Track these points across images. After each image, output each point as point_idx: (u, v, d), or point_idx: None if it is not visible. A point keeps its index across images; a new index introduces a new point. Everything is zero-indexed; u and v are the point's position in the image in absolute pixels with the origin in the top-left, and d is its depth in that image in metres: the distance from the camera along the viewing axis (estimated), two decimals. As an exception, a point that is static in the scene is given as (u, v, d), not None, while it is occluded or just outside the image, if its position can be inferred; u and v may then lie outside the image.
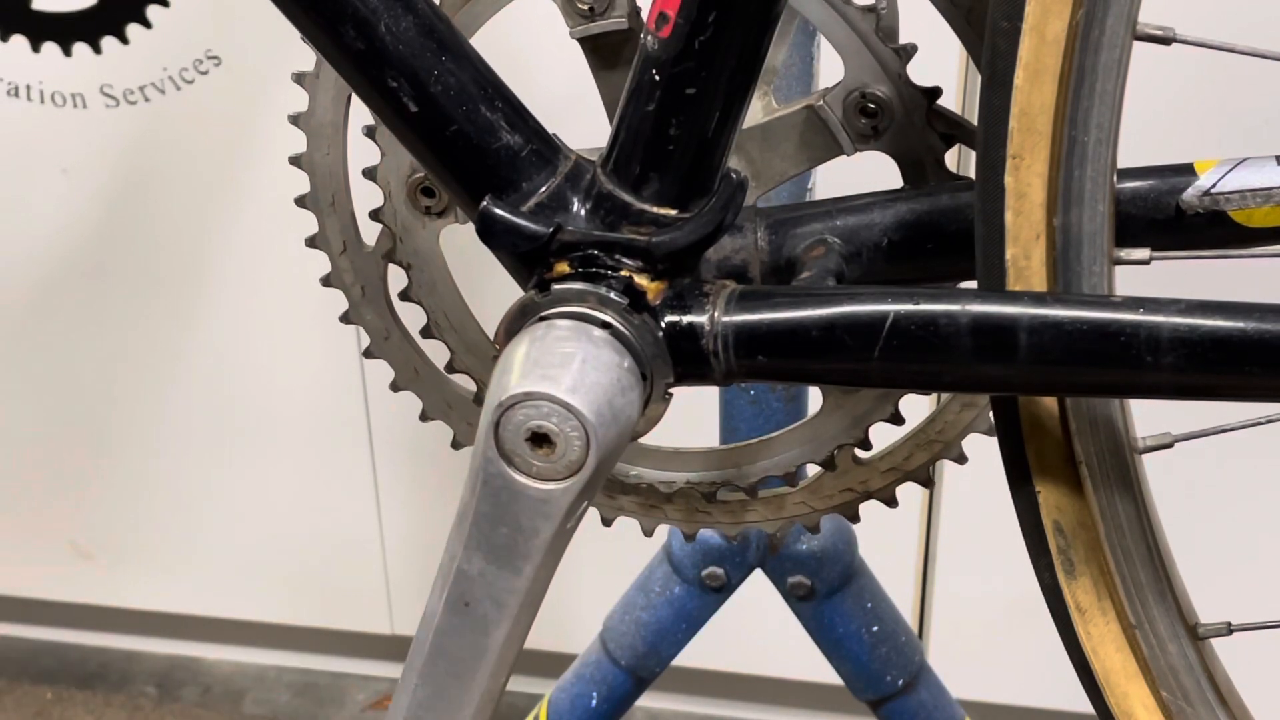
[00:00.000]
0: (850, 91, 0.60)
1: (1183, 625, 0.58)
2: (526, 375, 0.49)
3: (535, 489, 0.49)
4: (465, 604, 0.50)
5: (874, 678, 0.97)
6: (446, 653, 0.51)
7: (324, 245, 0.67)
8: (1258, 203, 0.55)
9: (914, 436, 0.68)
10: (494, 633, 0.51)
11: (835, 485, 0.71)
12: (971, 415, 0.68)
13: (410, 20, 0.52)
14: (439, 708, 0.51)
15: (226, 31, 1.28)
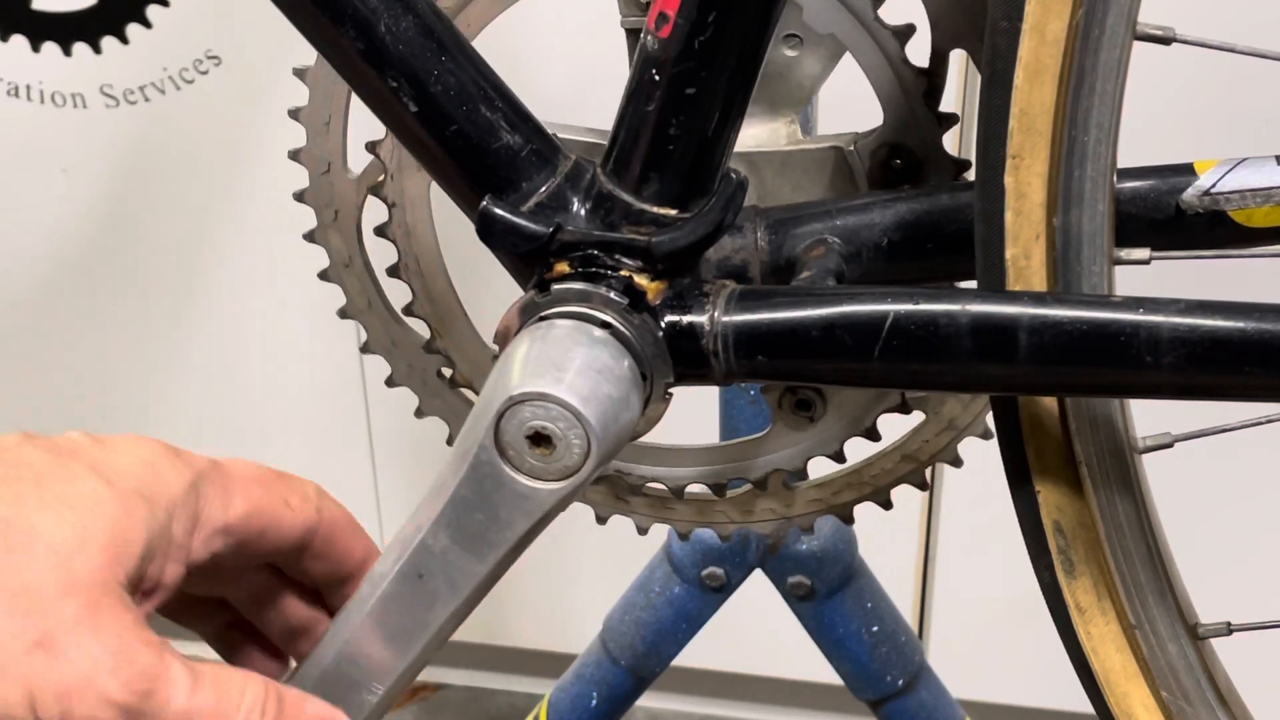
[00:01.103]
0: (883, 144, 0.60)
1: (1183, 625, 0.58)
2: (528, 375, 0.49)
3: (523, 484, 0.49)
4: (419, 576, 0.51)
5: (874, 678, 0.97)
6: (388, 618, 0.51)
7: (309, 162, 0.67)
8: (1258, 203, 0.55)
9: (846, 476, 0.70)
10: (440, 609, 0.51)
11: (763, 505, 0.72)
12: (907, 468, 0.69)
13: (410, 20, 0.52)
14: (364, 667, 0.52)
15: (226, 31, 1.28)
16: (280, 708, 0.48)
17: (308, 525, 0.52)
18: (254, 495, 0.51)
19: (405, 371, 0.71)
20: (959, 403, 0.68)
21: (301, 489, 0.53)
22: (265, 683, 0.48)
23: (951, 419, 0.68)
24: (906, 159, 0.61)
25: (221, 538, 0.50)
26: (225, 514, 0.49)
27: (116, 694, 0.43)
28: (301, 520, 0.52)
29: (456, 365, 0.69)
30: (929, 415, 0.68)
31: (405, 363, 0.70)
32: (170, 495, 0.47)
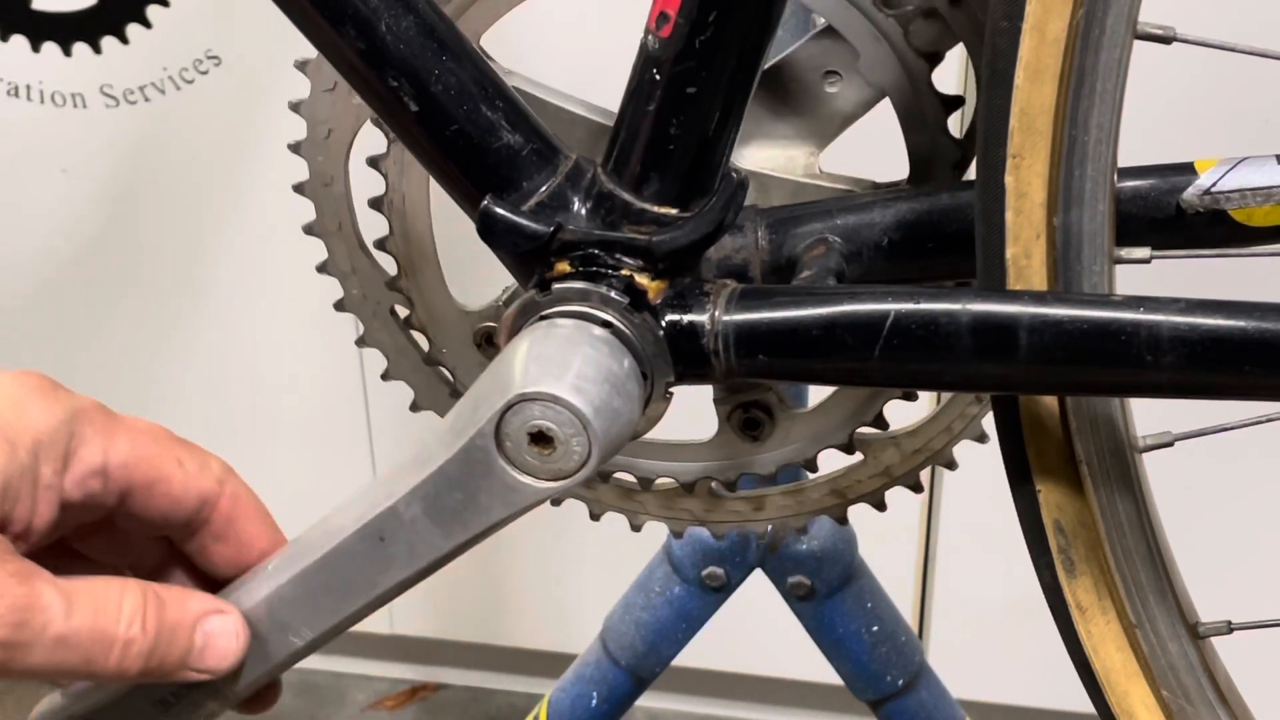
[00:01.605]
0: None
1: (1183, 624, 0.58)
2: (535, 375, 0.48)
3: (512, 477, 0.49)
4: (381, 539, 0.50)
5: (874, 678, 0.97)
6: (337, 571, 0.51)
7: (314, 77, 0.65)
8: (1258, 202, 0.55)
9: (778, 494, 0.71)
10: (393, 574, 0.51)
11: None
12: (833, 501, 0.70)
13: (410, 20, 0.52)
14: (299, 611, 0.51)
15: (226, 31, 1.28)
16: (162, 611, 0.47)
17: (204, 494, 0.51)
18: (141, 444, 0.49)
19: (357, 299, 0.69)
20: (899, 452, 0.69)
21: (202, 457, 0.51)
22: (143, 587, 0.47)
23: (888, 466, 0.70)
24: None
25: (99, 480, 0.48)
26: (104, 456, 0.48)
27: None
28: (196, 486, 0.50)
29: (415, 308, 0.68)
30: (868, 458, 0.69)
31: (360, 290, 0.69)
32: (35, 433, 0.46)
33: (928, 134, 0.62)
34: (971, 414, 0.68)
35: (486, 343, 0.67)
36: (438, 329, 0.68)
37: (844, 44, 0.61)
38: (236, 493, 0.52)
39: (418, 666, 1.66)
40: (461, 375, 0.69)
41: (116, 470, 0.49)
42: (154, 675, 0.48)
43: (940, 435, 0.69)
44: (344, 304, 0.70)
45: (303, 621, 0.51)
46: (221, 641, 0.49)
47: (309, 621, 0.51)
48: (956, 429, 0.69)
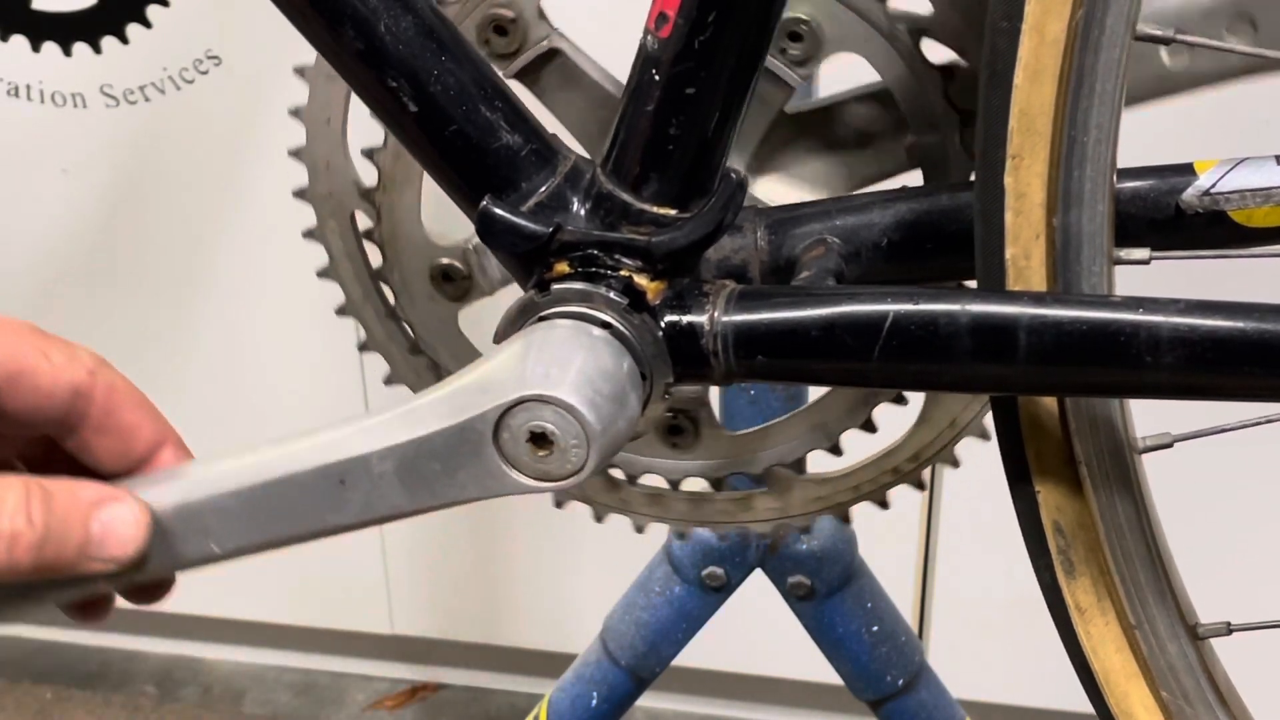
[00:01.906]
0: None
1: (1182, 625, 0.58)
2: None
3: (498, 466, 0.49)
4: (341, 482, 0.49)
5: (874, 678, 0.97)
6: (284, 498, 0.50)
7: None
8: (1257, 203, 0.55)
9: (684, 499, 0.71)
10: (338, 517, 0.50)
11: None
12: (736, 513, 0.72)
13: (410, 20, 0.52)
14: (229, 524, 0.50)
15: (226, 31, 1.28)
16: (49, 502, 0.46)
17: (74, 385, 0.48)
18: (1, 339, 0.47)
19: (321, 194, 0.68)
20: (804, 496, 0.71)
21: (69, 349, 0.48)
22: (25, 480, 0.46)
23: (785, 506, 0.72)
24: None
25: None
26: None
27: None
28: (66, 379, 0.48)
29: (380, 223, 0.67)
30: (773, 492, 0.71)
31: (328, 188, 0.68)
32: None
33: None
34: (883, 480, 0.70)
35: (443, 279, 0.67)
36: (397, 250, 0.67)
37: (895, 114, 0.61)
38: (112, 383, 0.50)
39: (418, 666, 1.66)
40: (405, 301, 0.68)
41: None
42: (52, 569, 0.46)
43: (846, 491, 0.71)
44: (305, 192, 0.69)
45: (229, 534, 0.50)
46: (121, 529, 0.48)
47: (236, 536, 0.50)
48: (865, 490, 0.71)
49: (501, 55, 0.62)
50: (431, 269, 0.67)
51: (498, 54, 0.62)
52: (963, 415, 0.68)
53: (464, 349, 0.69)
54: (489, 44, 0.61)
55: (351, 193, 0.67)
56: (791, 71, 0.61)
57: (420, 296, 0.67)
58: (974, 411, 0.68)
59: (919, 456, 0.69)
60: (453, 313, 0.68)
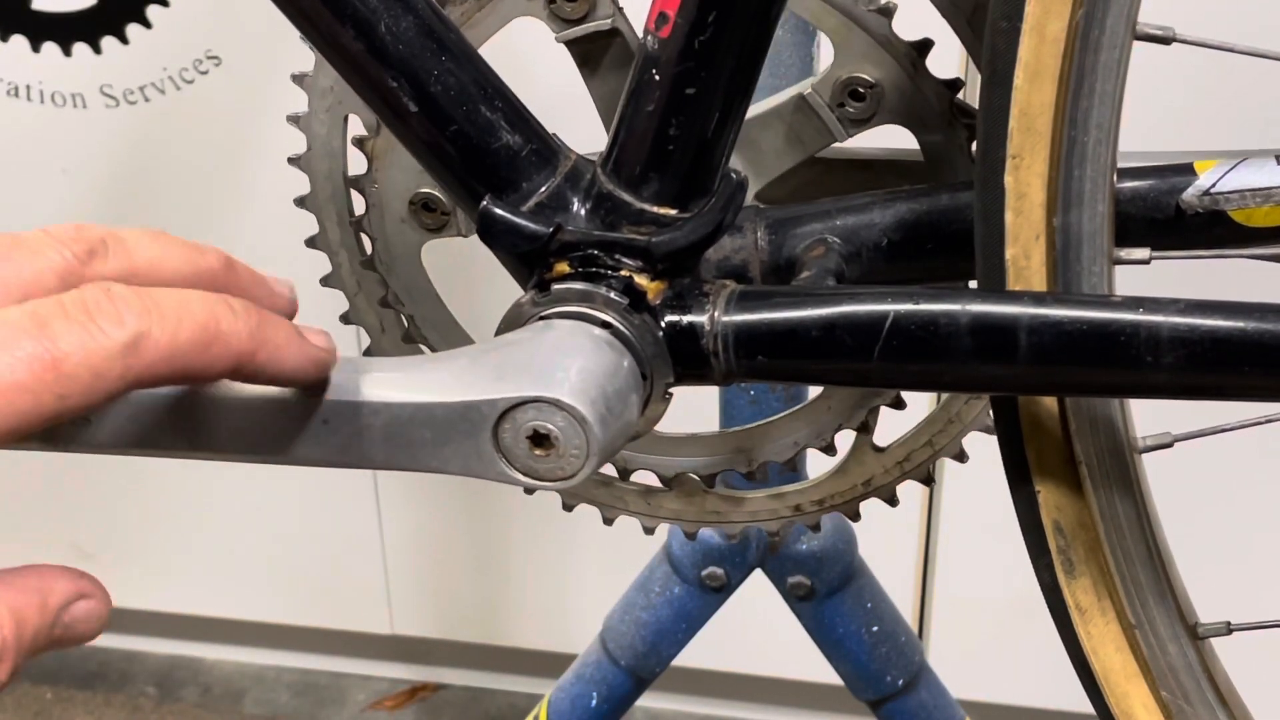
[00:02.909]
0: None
1: (1182, 625, 0.58)
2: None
3: (490, 453, 0.48)
4: (325, 421, 0.48)
5: (874, 678, 0.97)
6: (258, 418, 0.48)
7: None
8: (1257, 202, 0.55)
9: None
10: (307, 453, 0.49)
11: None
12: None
13: (410, 20, 0.52)
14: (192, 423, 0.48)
15: (226, 31, 1.28)
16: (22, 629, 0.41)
17: (110, 394, 0.41)
18: (7, 407, 0.38)
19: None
20: (764, 505, 0.71)
21: (100, 348, 0.39)
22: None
23: (679, 510, 0.72)
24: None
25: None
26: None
27: None
28: (100, 396, 0.40)
29: (372, 169, 0.67)
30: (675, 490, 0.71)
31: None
32: None
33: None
34: (783, 515, 0.71)
35: (423, 208, 0.66)
36: (386, 164, 0.66)
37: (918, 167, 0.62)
38: (151, 364, 0.41)
39: (418, 666, 1.66)
40: (374, 217, 0.67)
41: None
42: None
43: (743, 515, 0.72)
44: (303, 79, 0.66)
45: (192, 434, 0.48)
46: (83, 627, 0.44)
47: (195, 438, 0.48)
48: (760, 518, 0.72)
49: (564, 19, 0.61)
50: (414, 195, 0.66)
51: (559, 16, 0.61)
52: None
53: (419, 279, 0.68)
54: (553, 3, 0.60)
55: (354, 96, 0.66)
56: (841, 127, 0.62)
57: (392, 217, 0.67)
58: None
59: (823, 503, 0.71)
60: (420, 241, 0.67)
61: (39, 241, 0.42)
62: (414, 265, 0.68)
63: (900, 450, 0.69)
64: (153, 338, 0.39)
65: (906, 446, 0.69)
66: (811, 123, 0.62)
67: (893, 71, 0.60)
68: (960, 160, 0.61)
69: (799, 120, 0.62)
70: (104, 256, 0.43)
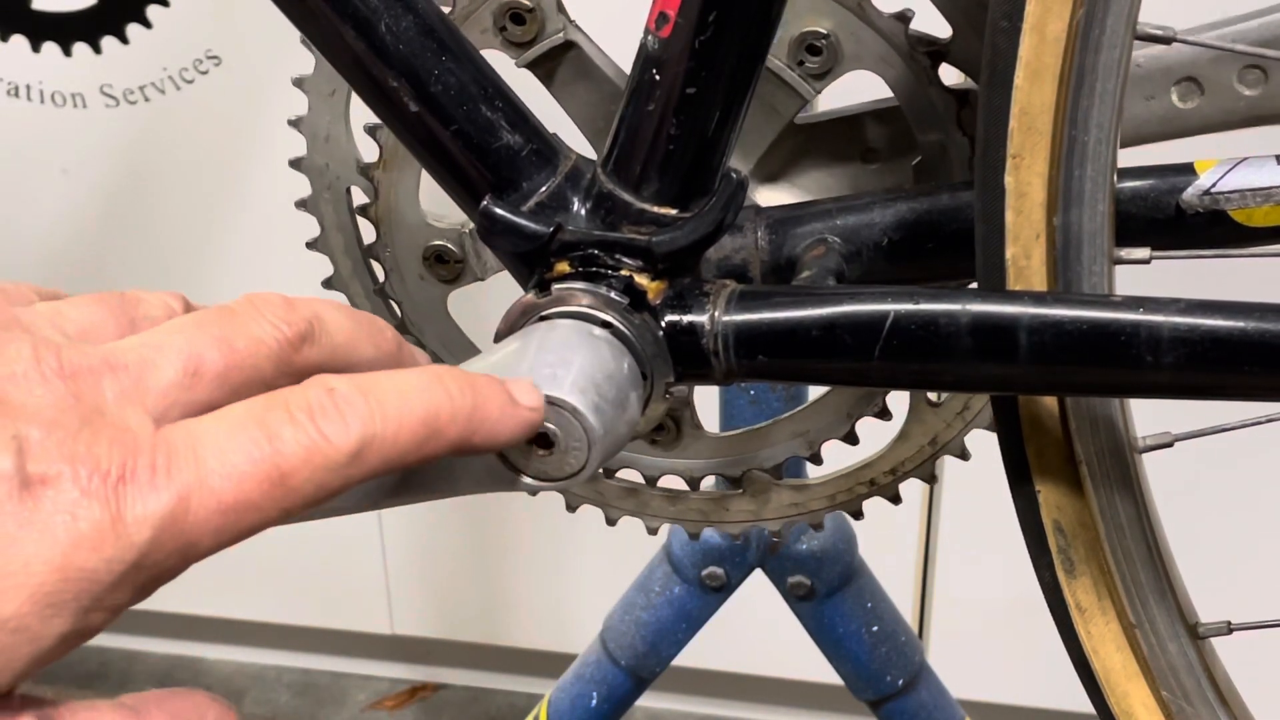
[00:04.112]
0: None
1: (1183, 624, 0.58)
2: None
3: (495, 463, 0.48)
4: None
5: (874, 678, 0.97)
6: None
7: None
8: (1258, 202, 0.55)
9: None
10: (337, 501, 0.49)
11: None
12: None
13: (410, 20, 0.52)
14: None
15: (226, 31, 1.28)
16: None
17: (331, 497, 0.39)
18: (233, 525, 0.36)
19: (318, 165, 0.67)
20: (779, 502, 0.71)
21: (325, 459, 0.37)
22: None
23: (758, 509, 0.72)
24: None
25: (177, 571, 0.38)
26: (184, 564, 0.37)
27: None
28: (323, 502, 0.39)
29: (377, 200, 0.66)
30: (747, 493, 0.71)
31: (326, 159, 0.67)
32: (88, 591, 0.34)
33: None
34: (858, 491, 0.70)
35: (437, 261, 0.67)
36: (391, 227, 0.67)
37: (904, 133, 0.61)
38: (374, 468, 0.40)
39: (418, 666, 1.66)
40: (395, 280, 0.68)
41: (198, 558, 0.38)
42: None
43: (820, 500, 0.71)
44: (301, 163, 0.67)
45: None
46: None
47: None
48: (839, 500, 0.71)
49: (516, 44, 0.61)
50: (425, 250, 0.66)
51: (513, 42, 0.61)
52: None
53: (450, 331, 0.69)
54: (504, 31, 0.61)
55: (350, 168, 0.67)
56: (806, 84, 0.61)
57: (411, 275, 0.67)
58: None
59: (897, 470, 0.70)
60: (443, 294, 0.68)
61: (250, 313, 0.40)
62: (443, 320, 0.69)
63: (957, 401, 0.68)
64: (376, 443, 0.38)
65: (962, 396, 0.68)
66: (779, 88, 0.61)
67: (843, 18, 0.60)
68: (930, 91, 0.61)
69: (767, 89, 0.61)
70: (313, 341, 0.41)
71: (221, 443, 0.36)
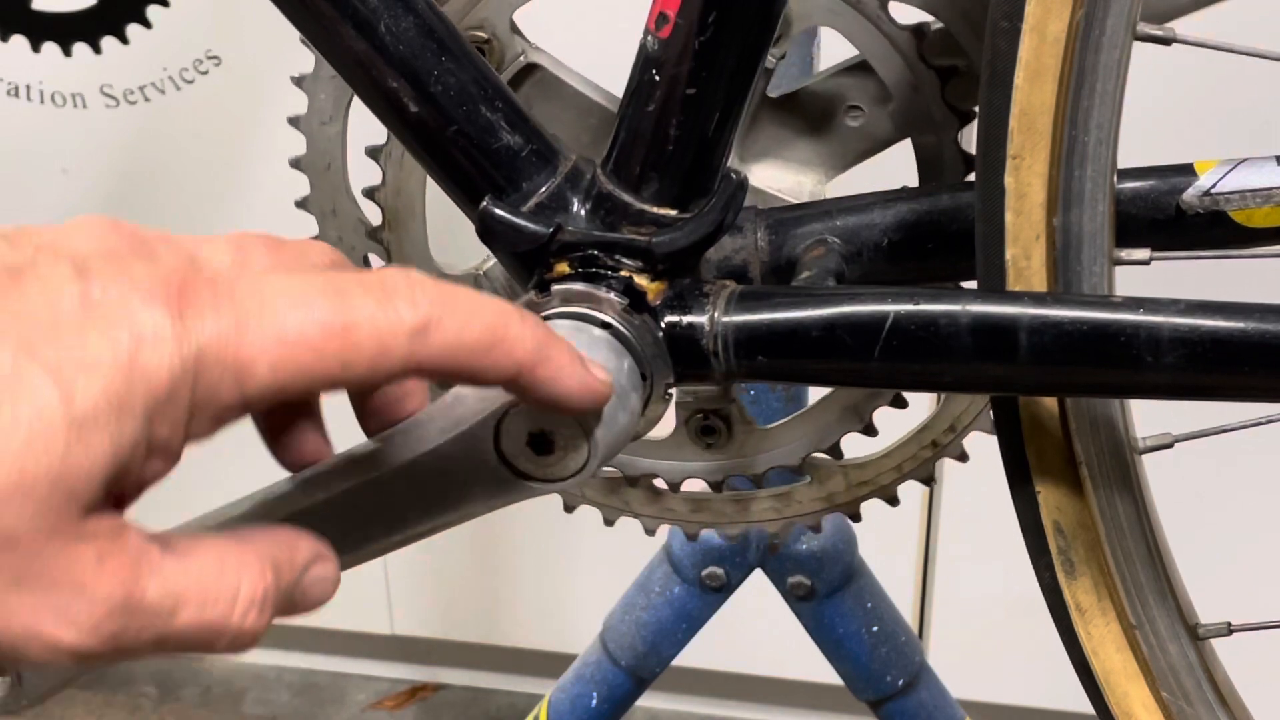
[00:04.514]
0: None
1: (1183, 625, 0.58)
2: None
3: (504, 473, 0.49)
4: (358, 506, 0.49)
5: (874, 678, 0.97)
6: (308, 528, 0.49)
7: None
8: (1258, 203, 0.55)
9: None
10: (364, 545, 0.50)
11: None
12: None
13: (410, 20, 0.52)
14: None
15: (226, 31, 1.28)
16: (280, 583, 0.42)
17: (399, 366, 0.39)
18: (289, 358, 0.37)
19: (332, 240, 0.68)
20: (845, 481, 0.70)
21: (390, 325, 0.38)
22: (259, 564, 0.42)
23: (831, 493, 0.71)
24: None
25: (237, 411, 0.39)
26: (239, 391, 0.38)
27: (73, 641, 0.36)
28: (382, 374, 0.39)
29: (391, 261, 0.67)
30: (814, 481, 0.71)
31: (338, 233, 0.68)
32: (150, 394, 0.36)
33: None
34: (923, 456, 0.69)
35: None
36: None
37: (875, 82, 0.61)
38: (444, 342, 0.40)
39: (418, 666, 1.66)
40: None
41: (258, 400, 0.38)
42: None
43: (889, 472, 0.70)
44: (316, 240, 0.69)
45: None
46: (318, 590, 0.45)
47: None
48: (906, 469, 0.70)
49: None
50: None
51: None
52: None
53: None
54: None
55: (359, 234, 0.68)
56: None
57: None
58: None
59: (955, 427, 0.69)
60: None
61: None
62: None
63: None
64: (443, 326, 0.39)
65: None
66: None
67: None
68: (886, 30, 0.60)
69: None
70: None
71: (290, 286, 0.38)
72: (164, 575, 0.39)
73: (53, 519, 0.36)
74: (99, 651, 0.37)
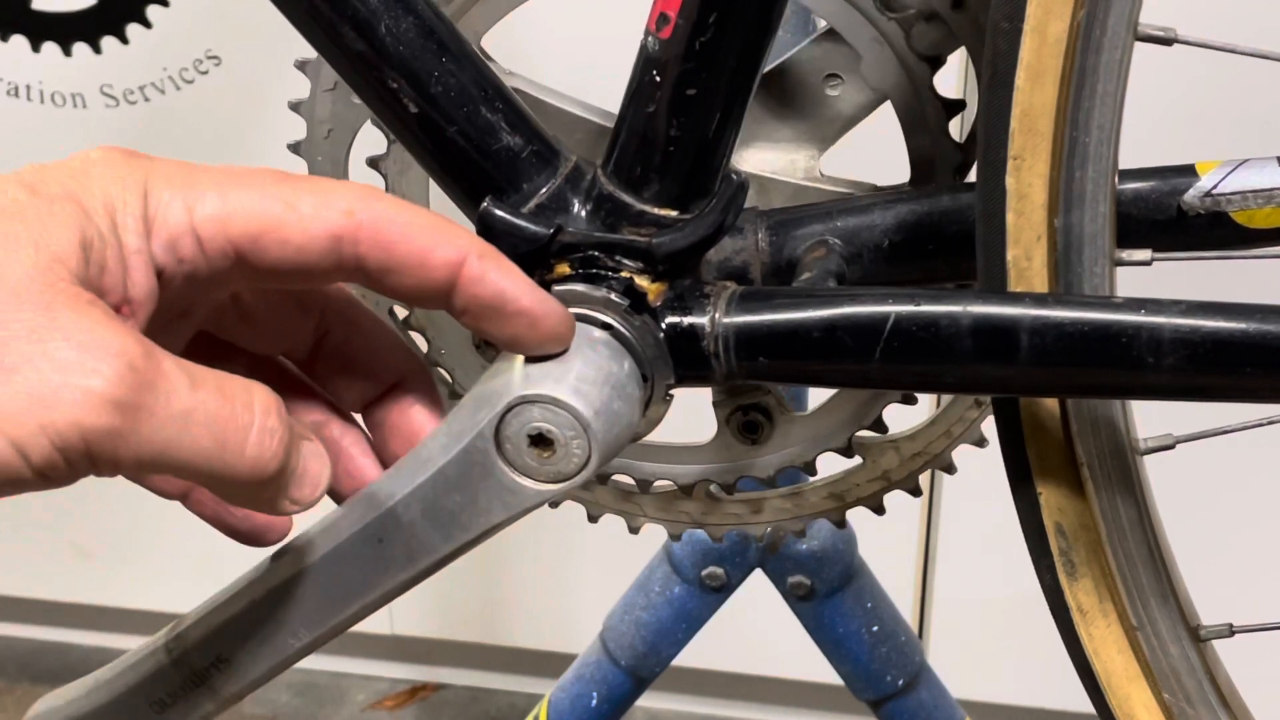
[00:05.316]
0: None
1: (1185, 627, 0.58)
2: (529, 377, 0.48)
3: (511, 479, 0.49)
4: (379, 540, 0.49)
5: (874, 678, 0.97)
6: (335, 573, 0.50)
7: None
8: (1259, 204, 0.55)
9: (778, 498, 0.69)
10: (391, 577, 0.50)
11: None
12: (831, 505, 0.70)
13: (410, 21, 0.52)
14: (296, 611, 0.50)
15: (226, 31, 1.28)
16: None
17: (329, 231, 0.43)
18: (235, 196, 0.42)
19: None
20: (898, 456, 0.69)
21: (323, 191, 0.43)
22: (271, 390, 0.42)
23: (886, 470, 0.70)
24: None
25: (190, 241, 0.42)
26: (187, 215, 0.42)
27: (102, 388, 0.36)
28: (318, 228, 0.42)
29: (413, 308, 0.68)
30: (866, 462, 0.70)
31: (359, 289, 0.67)
32: (105, 194, 0.41)
33: (929, 138, 0.61)
34: (971, 418, 0.68)
35: (486, 345, 0.67)
36: (437, 330, 0.68)
37: (845, 47, 0.61)
38: (379, 214, 0.43)
39: (418, 666, 1.66)
40: (460, 377, 0.69)
41: (207, 227, 0.42)
42: (265, 491, 0.42)
43: (940, 439, 0.69)
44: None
45: (300, 623, 0.51)
46: (315, 465, 0.43)
47: (306, 623, 0.51)
48: (956, 433, 0.69)
49: None
50: (474, 338, 0.67)
51: None
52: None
53: None
54: None
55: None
56: None
57: (472, 368, 0.68)
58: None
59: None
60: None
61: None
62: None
63: None
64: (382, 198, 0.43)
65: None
66: None
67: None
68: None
69: None
70: None
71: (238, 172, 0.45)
72: (178, 361, 0.39)
73: (47, 273, 0.38)
74: (120, 424, 0.37)
